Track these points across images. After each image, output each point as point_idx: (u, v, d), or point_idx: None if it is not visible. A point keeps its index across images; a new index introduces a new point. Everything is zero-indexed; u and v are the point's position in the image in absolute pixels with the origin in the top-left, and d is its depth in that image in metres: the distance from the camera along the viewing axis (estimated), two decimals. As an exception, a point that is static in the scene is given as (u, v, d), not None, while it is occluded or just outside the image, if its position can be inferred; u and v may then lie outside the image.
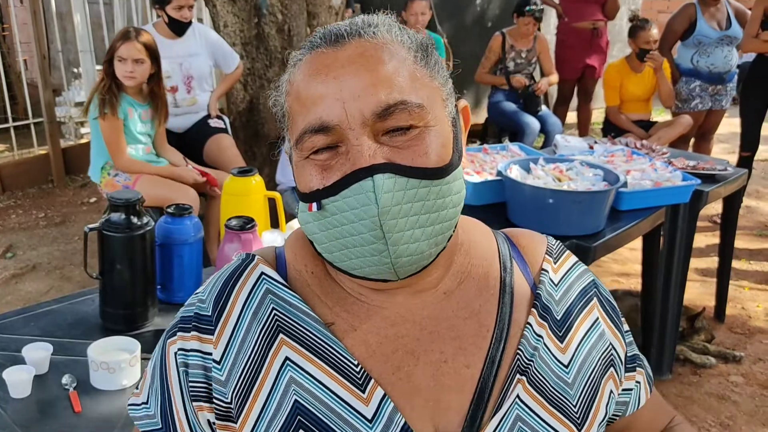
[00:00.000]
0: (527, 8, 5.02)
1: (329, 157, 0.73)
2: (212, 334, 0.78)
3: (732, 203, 3.43)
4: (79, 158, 5.22)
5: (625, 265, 4.10)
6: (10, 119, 5.39)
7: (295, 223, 2.26)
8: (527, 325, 0.83)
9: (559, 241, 0.95)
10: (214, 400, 0.77)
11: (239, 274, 0.81)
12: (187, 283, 1.83)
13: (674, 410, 1.06)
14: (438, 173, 0.73)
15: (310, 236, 0.77)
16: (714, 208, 4.43)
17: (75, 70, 5.94)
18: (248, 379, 0.77)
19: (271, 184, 3.90)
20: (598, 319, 0.89)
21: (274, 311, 0.79)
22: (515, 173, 2.49)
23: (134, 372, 1.52)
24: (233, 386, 0.77)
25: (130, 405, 0.86)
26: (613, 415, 0.92)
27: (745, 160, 4.75)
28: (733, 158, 4.93)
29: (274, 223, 2.18)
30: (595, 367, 0.86)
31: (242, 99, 4.42)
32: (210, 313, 0.79)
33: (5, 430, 1.39)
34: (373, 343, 0.79)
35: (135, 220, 1.67)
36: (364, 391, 0.76)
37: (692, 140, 5.14)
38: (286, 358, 0.77)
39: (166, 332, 0.83)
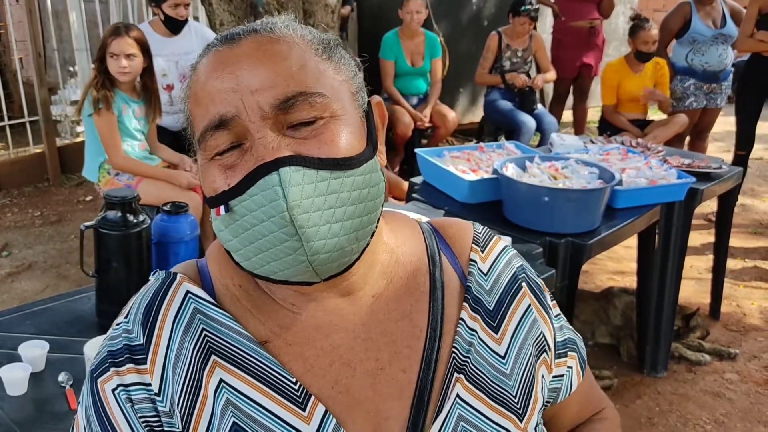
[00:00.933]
0: (523, 8, 5.03)
1: (233, 155, 0.71)
2: (145, 364, 0.73)
3: (727, 201, 3.44)
4: (74, 157, 5.21)
5: (620, 263, 4.11)
6: (6, 117, 5.38)
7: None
8: (460, 321, 0.81)
9: (486, 227, 0.92)
10: (164, 427, 0.73)
11: (162, 296, 0.76)
12: (183, 280, 1.83)
13: (607, 400, 1.03)
14: (349, 163, 0.70)
15: (225, 244, 0.73)
16: (709, 207, 4.44)
17: (71, 68, 5.93)
18: (188, 407, 0.72)
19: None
20: (530, 305, 0.87)
21: (205, 332, 0.75)
22: (511, 171, 2.50)
23: (130, 369, 1.52)
24: (178, 415, 0.72)
25: None
26: (545, 401, 0.89)
27: (741, 159, 4.77)
28: (729, 157, 4.94)
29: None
30: (530, 354, 0.85)
31: (238, 97, 4.42)
32: (141, 342, 0.74)
33: (2, 428, 1.39)
34: (309, 357, 0.76)
35: (131, 217, 1.67)
36: (304, 410, 0.73)
37: (687, 139, 5.16)
38: (221, 381, 0.73)
39: (94, 371, 0.75)
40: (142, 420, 0.72)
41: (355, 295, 0.79)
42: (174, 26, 3.71)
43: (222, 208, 0.70)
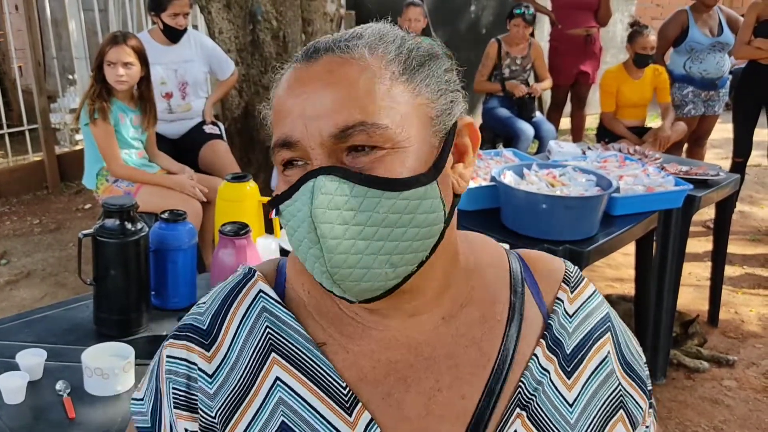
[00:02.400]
0: (516, 10, 5.06)
1: (297, 172, 0.72)
2: (205, 348, 0.78)
3: (725, 208, 3.45)
4: (74, 165, 5.22)
5: (619, 270, 4.11)
6: (5, 126, 5.39)
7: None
8: (533, 357, 0.79)
9: (577, 268, 0.89)
10: (200, 412, 0.77)
11: (238, 291, 0.81)
12: (181, 288, 1.83)
13: None
14: (391, 185, 0.68)
15: (292, 247, 0.74)
16: (708, 214, 4.45)
17: (70, 76, 5.94)
18: (238, 397, 0.76)
19: (266, 190, 3.91)
20: (608, 356, 0.83)
21: (268, 330, 0.78)
22: (509, 179, 2.50)
23: (128, 378, 1.53)
24: (221, 401, 0.76)
25: (132, 399, 0.87)
26: None
27: (738, 166, 4.78)
28: (727, 163, 4.95)
29: (269, 229, 2.19)
30: (600, 408, 0.80)
31: (237, 105, 4.43)
32: (205, 328, 0.79)
33: (-1, 436, 1.39)
34: (365, 366, 0.76)
35: (129, 225, 1.67)
36: (350, 415, 0.73)
37: (685, 146, 5.17)
38: (277, 378, 0.75)
39: (168, 336, 0.84)
40: (173, 390, 0.78)
41: (421, 317, 0.78)
42: (173, 35, 3.72)
43: (274, 210, 0.75)
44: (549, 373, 0.79)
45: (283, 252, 1.99)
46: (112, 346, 1.57)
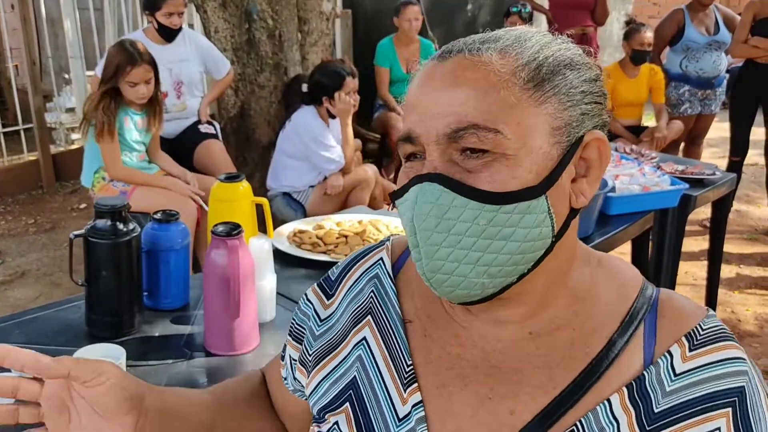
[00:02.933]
0: (513, 8, 5.06)
1: (416, 166, 0.75)
2: (327, 297, 0.91)
3: (721, 207, 3.45)
4: (69, 164, 5.21)
5: (615, 269, 4.10)
6: (0, 125, 5.37)
7: (284, 229, 2.26)
8: (606, 401, 0.71)
9: (721, 327, 0.75)
10: (304, 344, 0.90)
11: (368, 252, 0.92)
12: (173, 289, 1.82)
13: None
14: (493, 198, 0.68)
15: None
16: (704, 213, 4.45)
17: (66, 75, 5.93)
18: (333, 344, 0.87)
19: (262, 189, 3.90)
20: (719, 429, 0.69)
21: (372, 295, 0.87)
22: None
23: (120, 379, 1.51)
24: (321, 343, 0.88)
25: None
26: None
27: (735, 165, 4.78)
28: (723, 162, 4.95)
29: (263, 229, 2.18)
30: None
31: (233, 104, 4.42)
32: (334, 278, 0.93)
33: (-11, 439, 1.38)
34: (434, 354, 0.80)
35: (121, 226, 1.66)
36: (405, 391, 0.78)
37: (682, 145, 5.17)
38: (364, 338, 0.84)
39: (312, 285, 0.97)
40: (292, 324, 0.95)
41: (507, 326, 0.78)
42: (168, 34, 3.71)
43: (392, 204, 0.82)
44: (619, 424, 0.70)
45: (277, 253, 1.98)
46: (104, 347, 1.56)
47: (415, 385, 0.78)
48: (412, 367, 0.80)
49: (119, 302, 1.70)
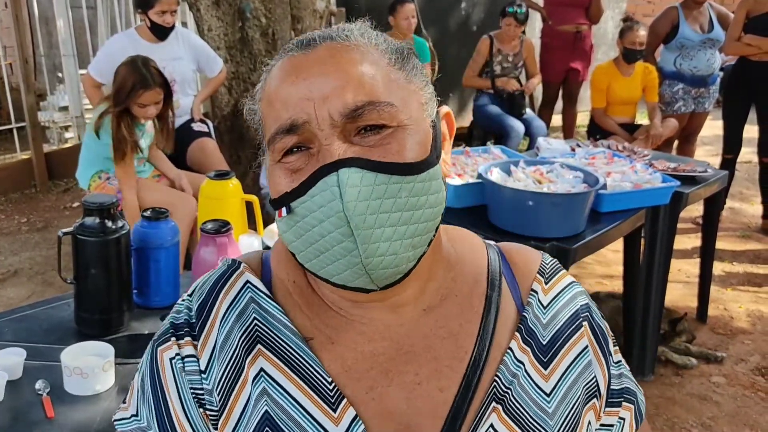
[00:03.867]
0: (508, 9, 5.06)
1: (300, 159, 0.72)
2: (194, 339, 0.78)
3: (713, 205, 3.45)
4: (62, 163, 5.19)
5: (608, 267, 4.11)
6: (-7, 124, 5.37)
7: (275, 226, 2.26)
8: (508, 350, 0.80)
9: (555, 260, 0.91)
10: (207, 407, 0.77)
11: (224, 281, 0.81)
12: (163, 287, 1.82)
13: None
14: (410, 169, 0.71)
15: (288, 245, 0.75)
16: (697, 210, 4.45)
17: (59, 74, 5.91)
18: (228, 388, 0.76)
19: (256, 187, 3.89)
20: (587, 347, 0.85)
21: (255, 321, 0.78)
22: (495, 176, 2.50)
23: (108, 377, 1.51)
24: (216, 394, 0.76)
25: (117, 420, 0.82)
26: None
27: (728, 162, 4.79)
28: (717, 160, 4.96)
29: (253, 226, 2.18)
30: (578, 397, 0.82)
31: (227, 103, 4.41)
32: (195, 321, 0.79)
33: (-24, 437, 1.38)
34: (349, 358, 0.77)
35: (109, 224, 1.66)
36: (335, 411, 0.74)
37: (676, 143, 5.18)
38: (261, 369, 0.76)
39: (156, 340, 0.81)
40: (191, 390, 0.77)
41: (404, 308, 0.79)
42: (160, 33, 3.70)
43: (284, 209, 0.72)
44: (524, 364, 0.80)
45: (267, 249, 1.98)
46: (92, 345, 1.56)
47: (345, 400, 0.74)
48: (333, 383, 0.75)
49: (108, 300, 1.70)
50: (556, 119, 6.41)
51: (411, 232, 0.71)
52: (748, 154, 5.60)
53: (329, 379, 0.75)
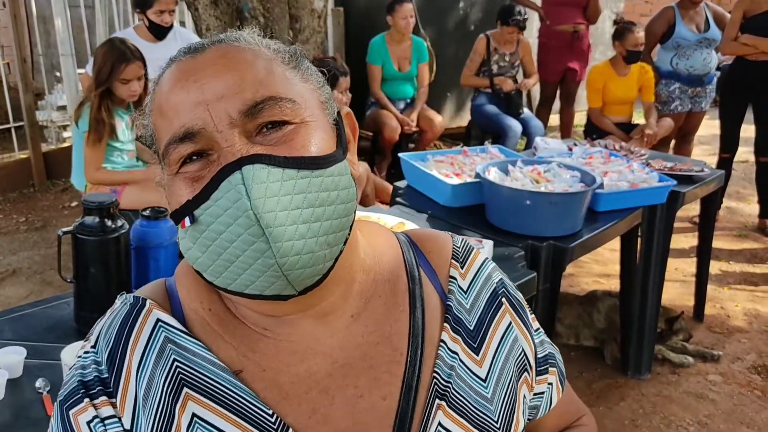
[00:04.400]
0: (512, 19, 5.07)
1: (200, 167, 0.68)
2: (116, 398, 0.70)
3: (709, 204, 3.46)
4: (60, 162, 5.19)
5: (606, 265, 4.13)
6: (-9, 123, 5.36)
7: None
8: (441, 343, 0.78)
9: (464, 239, 0.89)
10: None
11: (131, 325, 0.73)
12: (163, 286, 1.83)
13: (585, 408, 1.02)
14: (317, 162, 0.68)
15: (194, 263, 0.69)
16: (695, 209, 4.47)
17: (57, 74, 5.91)
18: None
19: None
20: (511, 323, 0.85)
21: (176, 362, 0.71)
22: (493, 175, 2.51)
23: (108, 375, 1.52)
24: None
25: None
26: (526, 420, 0.87)
27: (725, 161, 4.81)
28: (715, 159, 4.98)
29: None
30: (511, 375, 0.82)
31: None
32: (108, 375, 0.71)
33: (-23, 435, 1.38)
34: (284, 384, 0.73)
35: (109, 223, 1.67)
36: None
37: (673, 142, 5.20)
38: (194, 415, 0.69)
39: (63, 402, 0.72)
40: None
41: (331, 317, 0.76)
42: (159, 32, 3.71)
43: (187, 219, 0.67)
44: (458, 354, 0.79)
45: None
46: (92, 344, 1.56)
47: (290, 430, 0.70)
48: (274, 414, 0.70)
49: (108, 299, 1.68)
50: (554, 119, 6.42)
51: (325, 228, 0.67)
52: (745, 153, 5.62)
53: (269, 411, 0.70)
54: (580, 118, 6.64)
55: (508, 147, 4.95)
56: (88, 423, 0.70)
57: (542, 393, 0.90)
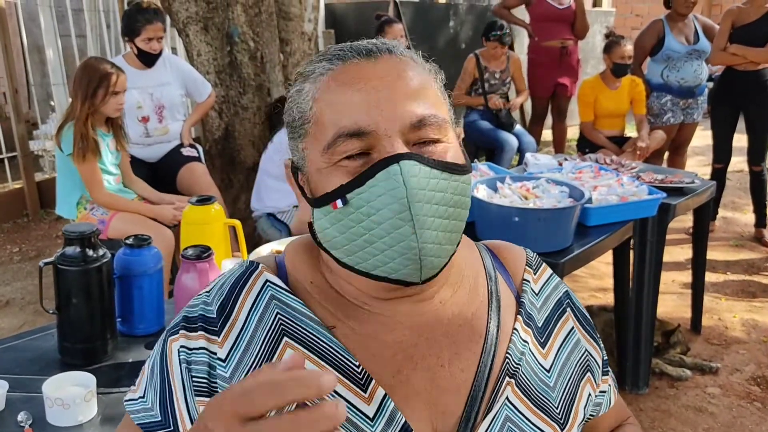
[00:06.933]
0: (492, 34, 5.10)
1: (361, 164, 0.76)
2: (217, 335, 0.82)
3: (702, 215, 3.45)
4: (54, 192, 5.18)
5: (602, 279, 4.11)
6: (-15, 154, 5.36)
7: (262, 250, 2.25)
8: (514, 331, 0.88)
9: (535, 254, 1.00)
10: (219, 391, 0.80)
11: (244, 281, 0.85)
12: (148, 314, 1.81)
13: (629, 410, 1.13)
14: (457, 169, 0.78)
15: (327, 242, 0.79)
16: (690, 221, 4.46)
17: (52, 103, 5.93)
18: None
19: (248, 210, 3.89)
20: (573, 328, 0.95)
21: (279, 316, 0.82)
22: (482, 192, 2.50)
23: (90, 407, 1.50)
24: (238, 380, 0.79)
25: (126, 400, 0.90)
26: (588, 416, 0.98)
27: (718, 172, 4.81)
28: (709, 170, 4.98)
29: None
30: (573, 372, 0.92)
31: (218, 127, 4.42)
32: (215, 316, 0.83)
33: (-43, 472, 1.36)
34: (373, 347, 0.82)
35: (90, 252, 1.65)
36: (365, 391, 0.78)
37: (666, 154, 5.20)
38: None
39: (168, 330, 0.86)
40: (194, 379, 0.81)
41: (425, 303, 0.85)
42: (147, 59, 3.72)
43: (339, 201, 0.75)
44: (528, 343, 0.89)
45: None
46: (74, 376, 1.55)
47: (374, 381, 0.79)
48: (361, 366, 0.80)
49: (91, 329, 1.69)
50: (547, 134, 6.43)
51: (452, 227, 0.77)
52: (740, 163, 5.62)
53: (357, 363, 0.79)
54: (573, 133, 6.65)
55: (504, 161, 4.96)
56: (178, 349, 0.83)
57: (605, 392, 1.00)
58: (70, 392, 1.49)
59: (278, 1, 4.53)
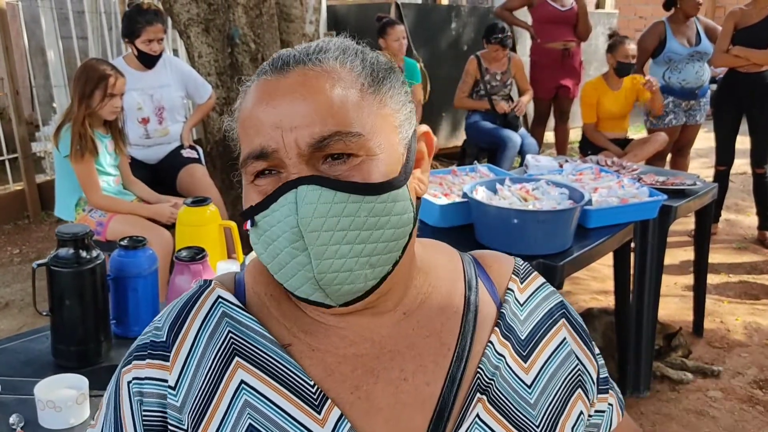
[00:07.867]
0: (493, 36, 5.09)
1: (270, 182, 0.74)
2: (167, 360, 0.78)
3: (704, 217, 3.43)
4: (55, 194, 5.18)
5: (604, 282, 4.08)
6: (-14, 156, 5.37)
7: (259, 252, 2.24)
8: (489, 344, 0.83)
9: (527, 263, 0.95)
10: (170, 428, 0.77)
11: (195, 300, 0.82)
12: (142, 316, 1.80)
13: None
14: (370, 189, 0.72)
15: (259, 257, 0.77)
16: (693, 223, 4.43)
17: (54, 104, 5.93)
18: (203, 403, 0.76)
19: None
20: (565, 339, 0.89)
21: (230, 334, 0.79)
22: (481, 194, 2.48)
23: (82, 410, 1.49)
24: (189, 410, 0.76)
25: None
26: None
27: (721, 174, 4.79)
28: (712, 172, 4.95)
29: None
30: (560, 387, 0.86)
31: (219, 128, 4.42)
32: (164, 339, 0.79)
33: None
34: (331, 362, 0.78)
35: (84, 254, 1.64)
36: (320, 412, 0.75)
37: (669, 156, 5.18)
38: (242, 381, 0.76)
39: (122, 361, 0.83)
40: (144, 414, 0.77)
41: (385, 315, 0.81)
42: (147, 61, 3.71)
43: (249, 222, 0.76)
44: (504, 357, 0.83)
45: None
46: (66, 378, 1.54)
47: (329, 401, 0.76)
48: (316, 385, 0.76)
49: (84, 331, 1.68)
50: (549, 136, 6.41)
51: (369, 251, 0.72)
52: (743, 165, 5.59)
53: (311, 382, 0.76)
54: (576, 135, 6.63)
55: (506, 160, 4.93)
56: (128, 382, 0.79)
57: (603, 411, 0.94)
58: (62, 395, 1.48)
59: (279, 3, 4.53)
